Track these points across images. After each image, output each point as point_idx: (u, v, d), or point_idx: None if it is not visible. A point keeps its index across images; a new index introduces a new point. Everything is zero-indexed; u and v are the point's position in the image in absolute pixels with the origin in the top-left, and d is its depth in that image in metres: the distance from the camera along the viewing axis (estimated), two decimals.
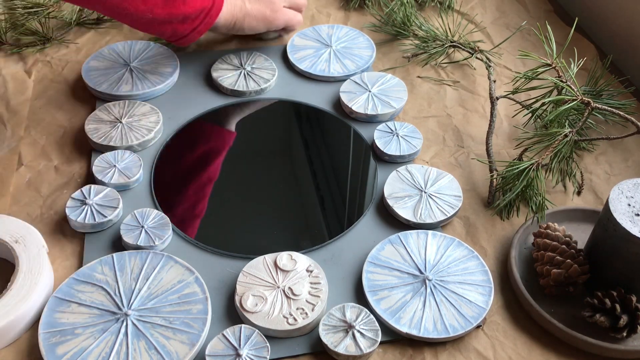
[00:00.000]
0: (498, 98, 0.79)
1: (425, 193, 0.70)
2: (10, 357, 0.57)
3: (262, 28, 0.81)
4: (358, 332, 0.57)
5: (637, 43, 0.87)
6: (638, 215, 0.57)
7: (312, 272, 0.62)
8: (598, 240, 0.61)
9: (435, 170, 0.72)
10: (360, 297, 0.62)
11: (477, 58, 0.87)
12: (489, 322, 0.61)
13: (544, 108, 0.72)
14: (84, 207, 0.66)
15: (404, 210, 0.68)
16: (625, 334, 0.57)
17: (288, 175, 0.76)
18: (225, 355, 0.55)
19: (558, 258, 0.60)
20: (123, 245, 0.65)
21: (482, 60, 0.86)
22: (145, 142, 0.75)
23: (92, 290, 0.60)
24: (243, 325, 0.57)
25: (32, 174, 0.72)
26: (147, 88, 0.80)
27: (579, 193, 0.73)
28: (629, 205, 0.57)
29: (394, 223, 0.69)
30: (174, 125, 0.78)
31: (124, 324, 0.58)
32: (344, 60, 0.86)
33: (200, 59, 0.87)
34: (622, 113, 0.69)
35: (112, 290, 0.60)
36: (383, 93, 0.81)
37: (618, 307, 0.57)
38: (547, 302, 0.61)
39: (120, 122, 0.76)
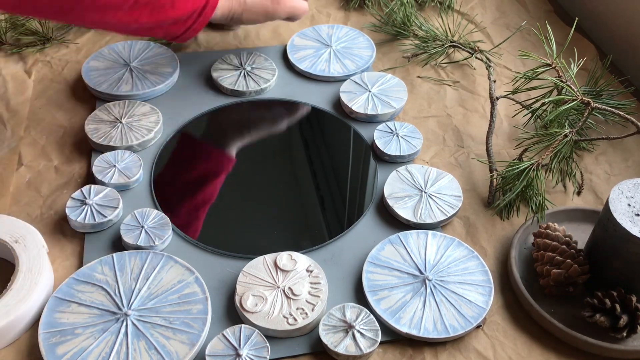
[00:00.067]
0: (498, 98, 0.79)
1: (425, 193, 0.70)
2: (10, 357, 0.57)
3: (262, 20, 0.79)
4: (358, 332, 0.57)
5: (637, 43, 0.87)
6: (638, 215, 0.57)
7: (312, 272, 0.62)
8: (598, 240, 0.61)
9: (435, 170, 0.72)
10: (360, 297, 0.62)
11: (477, 58, 0.87)
12: (489, 322, 0.61)
13: (544, 108, 0.72)
14: (84, 207, 0.66)
15: (404, 210, 0.68)
16: (625, 334, 0.57)
17: (288, 175, 0.76)
18: (225, 355, 0.55)
19: (558, 258, 0.60)
20: (123, 245, 0.65)
21: (482, 60, 0.86)
22: (145, 142, 0.75)
23: (92, 290, 0.60)
24: (243, 325, 0.57)
25: (32, 174, 0.72)
26: (147, 88, 0.80)
27: (579, 193, 0.73)
28: (629, 205, 0.57)
29: (394, 223, 0.69)
30: (174, 125, 0.78)
31: (124, 324, 0.58)
32: (344, 60, 0.86)
33: (200, 59, 0.87)
34: (622, 113, 0.69)
35: (112, 290, 0.60)
36: (383, 93, 0.81)
37: (618, 307, 0.57)
38: (547, 302, 0.61)
39: (120, 122, 0.76)
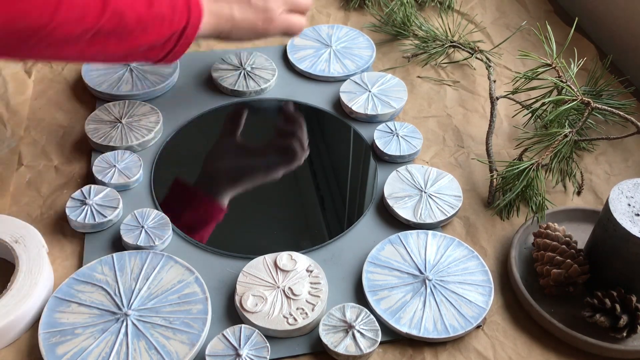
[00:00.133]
0: (498, 98, 0.79)
1: (425, 193, 0.70)
2: (10, 357, 0.57)
3: (253, 38, 0.73)
4: (358, 332, 0.57)
5: (637, 43, 0.87)
6: (638, 215, 0.57)
7: (312, 272, 0.62)
8: (598, 240, 0.61)
9: (435, 170, 0.72)
10: (360, 297, 0.62)
11: (477, 58, 0.87)
12: (489, 322, 0.61)
13: (544, 108, 0.72)
14: (84, 207, 0.66)
15: (404, 210, 0.68)
16: (625, 334, 0.57)
17: (288, 175, 0.76)
18: (225, 355, 0.55)
19: (558, 258, 0.60)
20: (123, 245, 0.65)
21: (482, 60, 0.86)
22: (145, 142, 0.75)
23: (92, 290, 0.60)
24: (243, 325, 0.57)
25: (32, 174, 0.72)
26: (147, 88, 0.80)
27: (579, 193, 0.72)
28: (629, 205, 0.57)
29: (394, 223, 0.68)
30: (174, 125, 0.78)
31: (124, 324, 0.58)
32: (344, 60, 0.86)
33: (200, 59, 0.87)
34: (622, 113, 0.69)
35: (112, 290, 0.60)
36: (383, 93, 0.81)
37: (618, 307, 0.57)
38: (547, 302, 0.61)
39: (120, 122, 0.76)
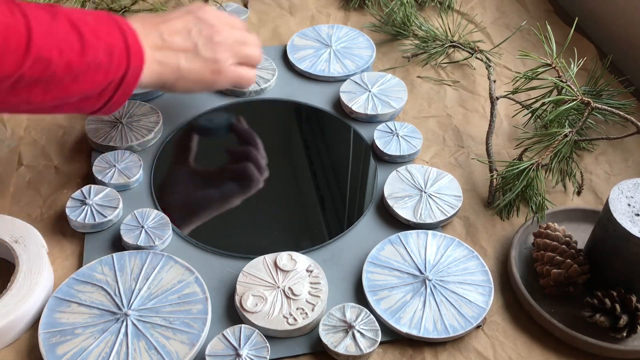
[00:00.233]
0: (498, 98, 0.79)
1: (425, 193, 0.70)
2: (10, 357, 0.57)
3: (199, 90, 0.69)
4: (358, 332, 0.57)
5: (637, 43, 0.87)
6: (638, 215, 0.57)
7: (312, 272, 0.62)
8: (598, 240, 0.61)
9: (435, 170, 0.72)
10: (360, 297, 0.62)
11: (477, 58, 0.87)
12: (489, 322, 0.61)
13: (544, 108, 0.72)
14: (84, 207, 0.66)
15: (404, 210, 0.68)
16: (625, 334, 0.57)
17: (288, 175, 0.76)
18: (225, 355, 0.55)
19: (558, 258, 0.60)
20: (123, 245, 0.65)
21: (482, 60, 0.86)
22: (145, 142, 0.75)
23: (92, 290, 0.60)
24: (243, 325, 0.57)
25: (32, 174, 0.72)
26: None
27: (579, 193, 0.73)
28: (629, 205, 0.57)
29: (394, 223, 0.68)
30: (174, 125, 0.78)
31: (124, 324, 0.58)
32: (344, 60, 0.86)
33: None
34: (622, 113, 0.69)
35: (112, 290, 0.60)
36: (383, 93, 0.81)
37: (618, 307, 0.57)
38: (547, 302, 0.61)
39: (120, 122, 0.76)
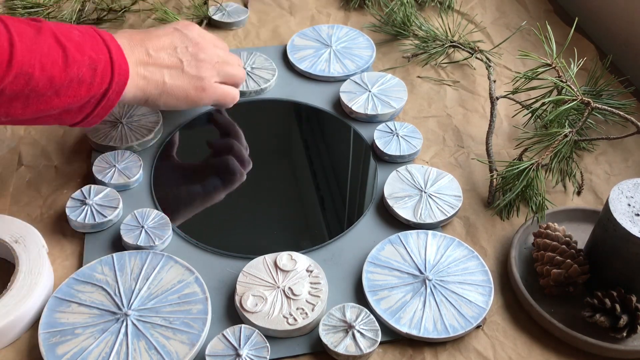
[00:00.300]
0: (498, 98, 0.79)
1: (425, 193, 0.70)
2: (10, 357, 0.57)
3: (183, 107, 0.69)
4: (358, 332, 0.57)
5: (637, 43, 0.87)
6: (638, 215, 0.57)
7: (312, 272, 0.62)
8: (598, 240, 0.61)
9: (435, 170, 0.72)
10: (360, 297, 0.62)
11: (477, 58, 0.87)
12: (489, 322, 0.61)
13: (544, 108, 0.72)
14: (84, 207, 0.66)
15: (404, 210, 0.68)
16: (625, 334, 0.57)
17: (288, 175, 0.76)
18: (225, 355, 0.55)
19: (558, 258, 0.60)
20: (123, 245, 0.65)
21: (482, 60, 0.86)
22: (145, 142, 0.75)
23: (92, 290, 0.60)
24: (243, 325, 0.57)
25: (32, 174, 0.72)
26: None
27: (579, 193, 0.72)
28: (629, 205, 0.57)
29: (394, 223, 0.68)
30: (174, 125, 0.78)
31: (124, 324, 0.58)
32: (344, 60, 0.86)
33: None
34: (622, 113, 0.69)
35: (112, 290, 0.60)
36: (383, 93, 0.81)
37: (618, 307, 0.57)
38: (547, 302, 0.61)
39: (120, 122, 0.76)
